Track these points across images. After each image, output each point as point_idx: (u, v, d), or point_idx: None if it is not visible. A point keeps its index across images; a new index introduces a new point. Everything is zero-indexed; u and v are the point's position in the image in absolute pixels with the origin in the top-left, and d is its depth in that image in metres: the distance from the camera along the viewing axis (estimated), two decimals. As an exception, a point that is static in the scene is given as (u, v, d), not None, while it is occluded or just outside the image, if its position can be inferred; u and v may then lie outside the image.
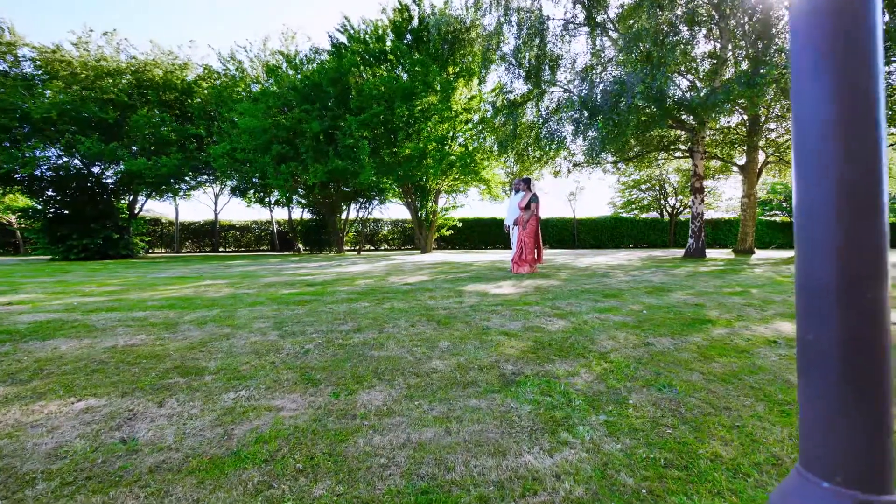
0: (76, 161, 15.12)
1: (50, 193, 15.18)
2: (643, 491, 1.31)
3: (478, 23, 12.91)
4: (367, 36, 14.76)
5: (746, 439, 1.59)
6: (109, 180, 16.28)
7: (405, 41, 14.70)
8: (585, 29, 11.39)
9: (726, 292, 4.69)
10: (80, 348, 2.58)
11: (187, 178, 17.65)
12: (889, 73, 9.33)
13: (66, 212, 14.97)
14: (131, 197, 17.35)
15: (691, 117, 11.12)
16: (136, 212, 17.72)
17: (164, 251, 24.08)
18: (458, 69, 14.67)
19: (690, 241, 12.04)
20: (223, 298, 4.23)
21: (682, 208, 29.18)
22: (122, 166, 14.72)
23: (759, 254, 14.31)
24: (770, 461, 1.46)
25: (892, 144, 11.33)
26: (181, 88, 16.37)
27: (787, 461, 1.46)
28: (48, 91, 13.72)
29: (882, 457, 0.38)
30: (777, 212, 31.04)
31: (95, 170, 15.74)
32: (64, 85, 13.83)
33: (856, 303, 0.37)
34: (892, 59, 9.16)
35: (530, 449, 1.54)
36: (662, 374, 2.19)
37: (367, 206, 20.68)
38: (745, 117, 13.65)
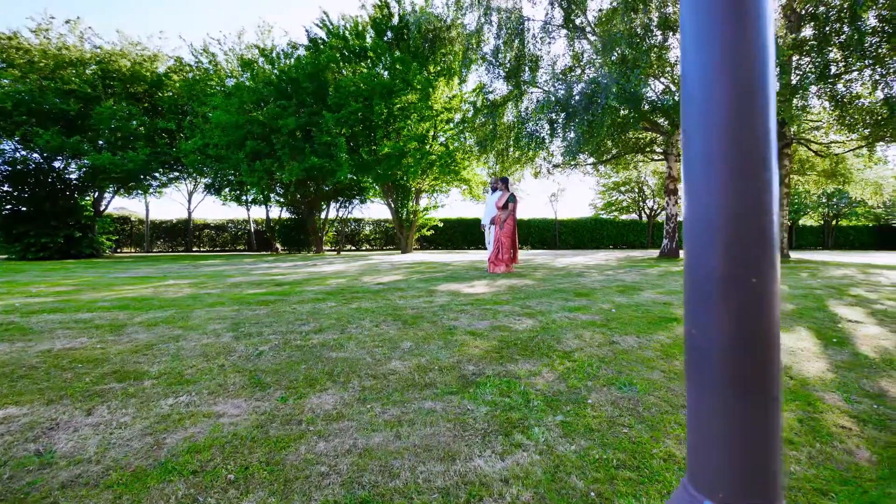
0: (35, 155, 14.38)
1: (5, 189, 14.34)
2: (592, 494, 1.26)
3: (458, 22, 12.85)
4: (346, 32, 14.53)
5: (702, 438, 1.56)
6: (73, 176, 15.54)
7: (385, 38, 14.54)
8: (564, 31, 11.48)
9: (694, 291, 4.75)
10: (10, 353, 2.39)
11: (157, 175, 17.02)
12: (849, 80, 9.70)
13: (24, 208, 14.19)
14: (96, 193, 16.62)
15: (665, 120, 11.33)
16: (101, 209, 16.98)
17: (133, 251, 23.21)
18: (438, 68, 14.59)
19: (665, 241, 12.28)
20: (182, 299, 4.04)
21: (659, 210, 29.87)
22: (85, 161, 14.06)
23: (730, 254, 14.70)
24: (723, 461, 1.43)
25: (850, 150, 11.81)
26: (150, 81, 15.74)
27: (740, 460, 1.43)
28: (5, 80, 12.98)
29: (770, 466, 0.33)
30: (748, 214, 32.06)
31: (57, 164, 14.99)
32: (20, 74, 13.12)
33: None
34: (852, 68, 9.53)
35: (482, 452, 1.47)
36: (624, 373, 2.16)
37: (348, 205, 20.39)
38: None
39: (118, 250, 21.99)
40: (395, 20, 14.52)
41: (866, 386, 2.11)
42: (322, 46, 14.33)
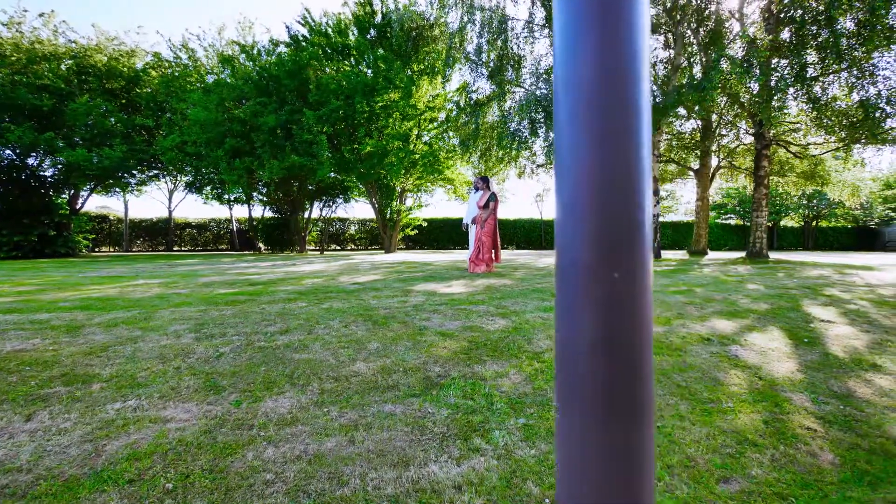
0: (8, 151, 13.90)
1: (-24, 186, 13.87)
2: (547, 501, 1.21)
3: (441, 20, 12.81)
4: (329, 29, 14.37)
5: (664, 440, 1.53)
6: (47, 173, 15.06)
7: (368, 36, 14.41)
8: (547, 31, 11.51)
9: (671, 291, 4.77)
10: (-48, 355, 2.26)
11: (135, 172, 16.59)
12: (826, 83, 9.90)
13: (-4, 206, 13.73)
14: (72, 191, 16.14)
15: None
16: (77, 207, 16.51)
17: (112, 250, 22.63)
18: (422, 66, 14.51)
19: (647, 241, 12.38)
20: (148, 299, 3.90)
21: (642, 210, 30.09)
22: (60, 158, 13.63)
23: (712, 255, 14.95)
24: (683, 463, 1.40)
25: (828, 152, 12.07)
26: (128, 77, 15.35)
27: (700, 462, 1.41)
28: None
29: (643, 483, 0.28)
30: (731, 215, 32.63)
31: (31, 161, 14.51)
32: (-10, 68, 12.70)
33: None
34: (829, 71, 9.73)
35: (437, 458, 1.42)
36: (592, 373, 2.13)
37: (332, 204, 20.18)
38: (700, 123, 14.21)
39: (96, 249, 21.41)
40: (379, 18, 14.41)
41: (834, 386, 2.11)
42: (304, 43, 14.14)
